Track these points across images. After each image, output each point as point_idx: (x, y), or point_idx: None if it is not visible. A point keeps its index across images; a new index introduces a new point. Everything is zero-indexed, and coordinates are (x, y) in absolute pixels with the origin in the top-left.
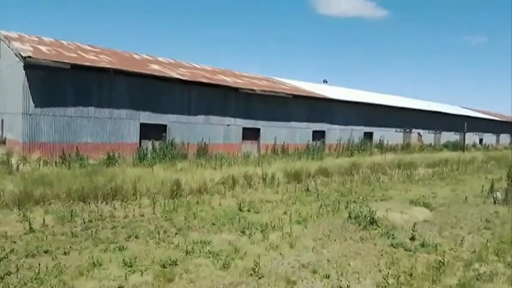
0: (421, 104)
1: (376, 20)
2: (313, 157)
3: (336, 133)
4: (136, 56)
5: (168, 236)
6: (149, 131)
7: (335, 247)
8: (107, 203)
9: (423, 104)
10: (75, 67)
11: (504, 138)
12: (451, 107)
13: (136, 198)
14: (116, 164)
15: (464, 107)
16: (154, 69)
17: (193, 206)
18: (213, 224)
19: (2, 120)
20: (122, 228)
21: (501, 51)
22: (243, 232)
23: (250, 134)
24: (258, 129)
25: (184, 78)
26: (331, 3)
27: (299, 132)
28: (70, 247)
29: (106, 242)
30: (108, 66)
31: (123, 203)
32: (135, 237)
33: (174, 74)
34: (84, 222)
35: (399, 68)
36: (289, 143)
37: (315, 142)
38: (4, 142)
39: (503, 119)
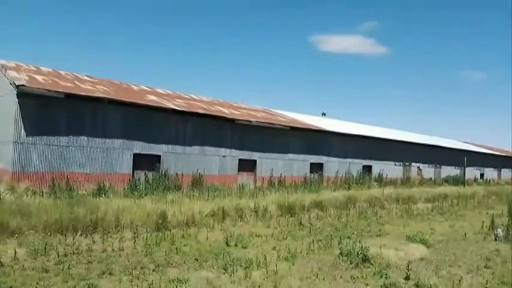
0: (421, 138)
1: (376, 57)
2: (310, 190)
3: (334, 166)
4: (134, 87)
5: (143, 273)
6: (143, 162)
7: (323, 287)
8: (86, 236)
9: (423, 138)
10: (69, 96)
11: (506, 173)
12: (451, 141)
13: (119, 231)
14: (105, 195)
15: (465, 142)
16: (150, 99)
17: (177, 239)
18: (196, 260)
19: None
20: (98, 263)
21: (500, 88)
22: (225, 269)
23: (247, 166)
24: (255, 161)
25: (179, 109)
26: (332, 41)
27: (296, 164)
28: (37, 283)
29: (77, 278)
30: (103, 96)
31: (104, 236)
32: (109, 273)
33: (170, 105)
34: (58, 256)
35: (399, 103)
36: (286, 175)
37: (312, 175)
38: None
39: (505, 154)
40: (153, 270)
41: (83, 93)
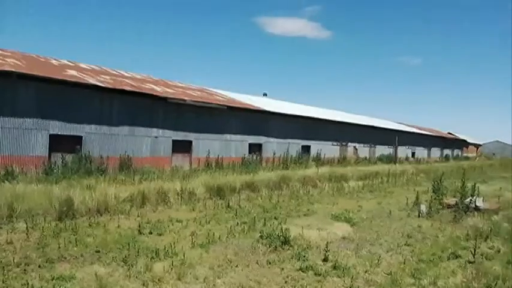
0: (357, 118)
1: (320, 40)
2: (247, 171)
3: (273, 146)
4: (53, 61)
5: (25, 270)
6: (61, 143)
7: (233, 275)
8: None
9: (359, 119)
10: None
11: (435, 152)
12: (385, 121)
13: (11, 221)
14: (12, 181)
15: (398, 122)
16: (70, 74)
17: (82, 229)
18: (97, 252)
19: None
20: None
21: (433, 72)
22: (124, 261)
23: (182, 147)
24: (190, 142)
25: (103, 85)
26: (278, 24)
27: (234, 145)
28: None
29: None
30: (11, 69)
31: None
32: None
33: (92, 81)
34: None
35: (341, 85)
36: (223, 156)
37: (251, 155)
38: None
39: (434, 134)
40: (39, 267)
41: None
